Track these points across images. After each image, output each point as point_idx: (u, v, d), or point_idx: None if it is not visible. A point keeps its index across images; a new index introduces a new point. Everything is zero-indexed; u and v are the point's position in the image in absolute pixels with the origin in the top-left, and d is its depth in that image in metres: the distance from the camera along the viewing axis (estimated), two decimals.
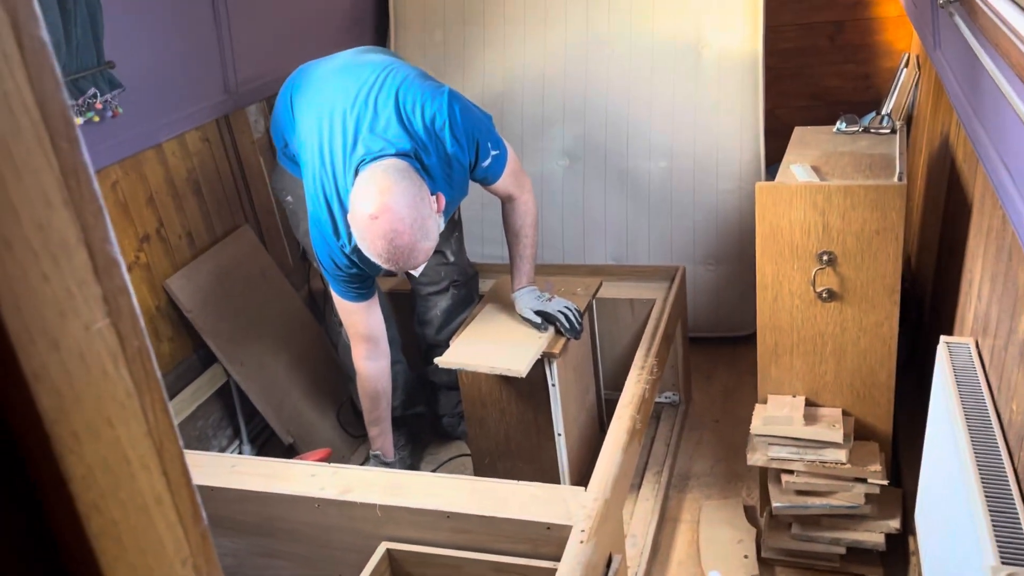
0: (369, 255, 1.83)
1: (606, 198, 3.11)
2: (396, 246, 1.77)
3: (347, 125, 1.93)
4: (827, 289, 1.91)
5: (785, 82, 3.39)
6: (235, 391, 2.56)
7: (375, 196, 1.77)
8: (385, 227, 1.75)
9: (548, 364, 2.15)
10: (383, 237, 1.76)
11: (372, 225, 1.76)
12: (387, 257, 1.79)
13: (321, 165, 1.96)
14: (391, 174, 1.80)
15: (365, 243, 1.80)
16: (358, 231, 1.81)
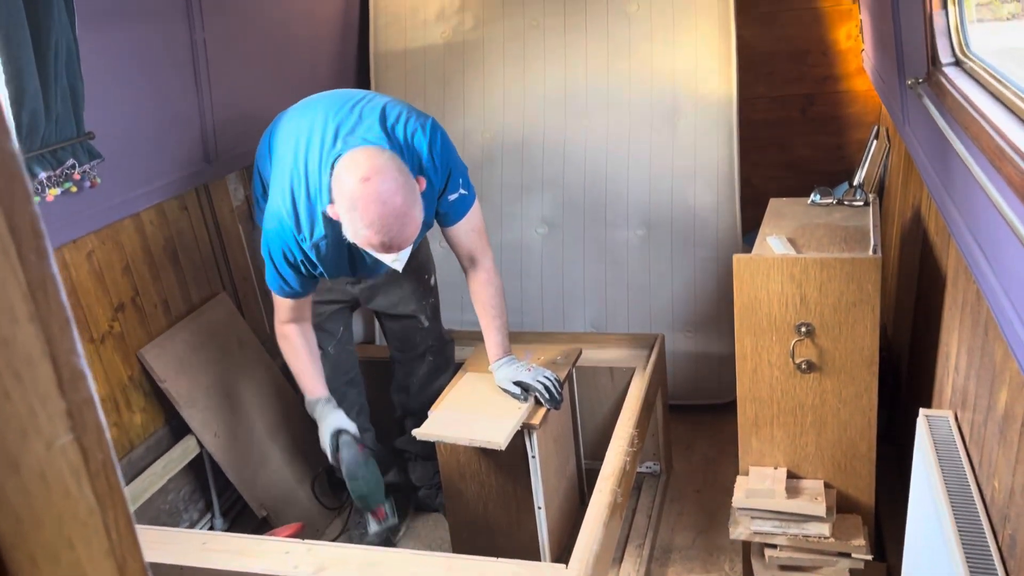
0: (360, 229, 1.73)
1: (585, 265, 3.13)
2: (389, 209, 1.70)
3: (327, 127, 1.94)
4: (806, 360, 1.91)
5: (759, 152, 3.46)
6: (208, 463, 2.50)
7: (364, 162, 1.75)
8: (378, 187, 1.70)
9: (528, 435, 2.12)
10: (376, 200, 1.70)
11: (364, 188, 1.70)
12: (380, 224, 1.71)
13: (294, 162, 1.94)
14: (377, 149, 1.81)
15: (356, 213, 1.72)
16: (348, 202, 1.73)
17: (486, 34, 3.21)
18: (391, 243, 1.76)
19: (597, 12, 3.11)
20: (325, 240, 1.93)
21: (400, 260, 1.83)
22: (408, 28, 3.27)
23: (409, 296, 2.41)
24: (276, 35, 2.87)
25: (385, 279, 2.34)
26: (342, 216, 1.77)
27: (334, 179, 1.79)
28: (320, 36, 3.13)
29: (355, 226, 1.74)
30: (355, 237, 1.77)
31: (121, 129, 2.25)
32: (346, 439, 2.07)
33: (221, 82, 2.59)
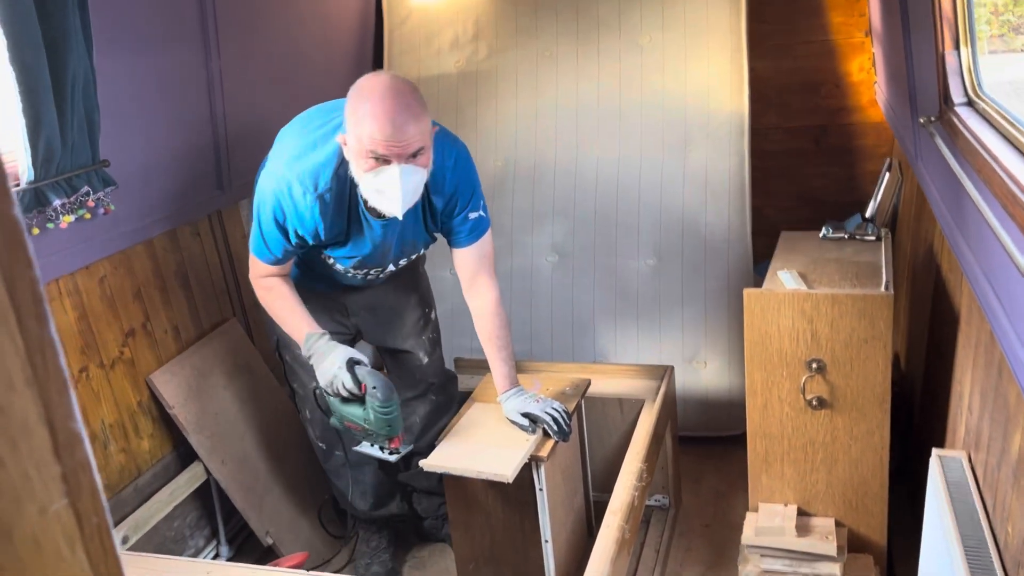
0: (365, 120, 1.73)
1: (595, 295, 3.12)
2: (398, 95, 1.73)
3: (335, 115, 1.96)
4: (817, 397, 1.89)
5: (771, 182, 3.46)
6: (215, 489, 2.49)
7: (372, 72, 1.82)
8: (388, 77, 1.78)
9: (536, 468, 2.10)
10: (387, 87, 1.74)
11: (374, 78, 1.78)
12: (386, 108, 1.71)
13: (300, 124, 2.00)
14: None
15: (363, 103, 1.74)
16: (355, 97, 1.76)
17: (499, 63, 3.23)
18: (396, 133, 1.73)
19: (609, 42, 3.13)
20: (329, 192, 1.89)
21: (394, 182, 1.78)
22: (423, 57, 3.30)
23: (408, 330, 2.36)
24: (291, 63, 2.90)
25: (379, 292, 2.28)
26: (348, 120, 1.78)
27: (345, 105, 1.81)
28: (335, 65, 3.16)
29: (363, 120, 1.74)
30: (361, 136, 1.75)
31: (136, 156, 2.27)
32: (366, 368, 1.99)
33: (235, 109, 2.61)
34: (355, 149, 1.79)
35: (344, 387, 1.96)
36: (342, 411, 2.03)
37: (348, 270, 2.11)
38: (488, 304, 2.15)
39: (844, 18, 3.24)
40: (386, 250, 2.08)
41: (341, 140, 1.83)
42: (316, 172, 1.88)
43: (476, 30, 3.25)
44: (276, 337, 2.29)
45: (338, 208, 1.92)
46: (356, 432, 2.05)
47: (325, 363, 1.98)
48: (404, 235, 2.06)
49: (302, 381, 2.29)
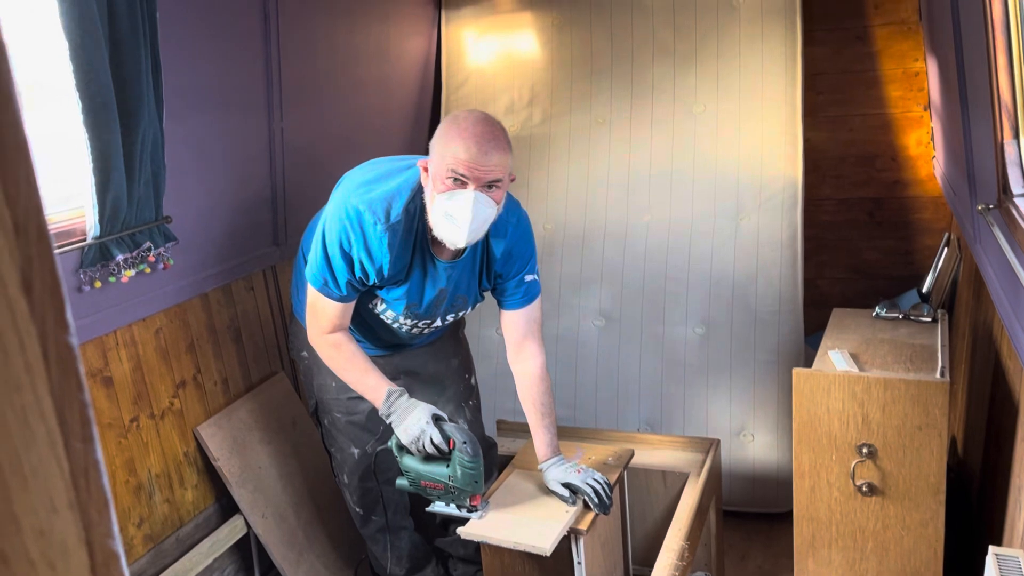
0: (451, 143, 1.78)
1: (641, 361, 3.09)
2: (485, 125, 1.79)
3: (400, 162, 2.02)
4: (867, 483, 1.84)
5: (825, 254, 3.41)
6: (254, 544, 2.50)
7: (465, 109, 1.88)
8: (478, 112, 1.83)
9: (575, 541, 2.07)
10: (476, 118, 1.80)
11: (467, 112, 1.82)
12: (472, 134, 1.76)
13: (368, 167, 2.03)
14: None
15: (451, 127, 1.79)
16: (443, 125, 1.82)
17: (553, 128, 3.28)
18: (481, 157, 1.77)
19: (663, 109, 3.16)
20: (400, 224, 1.89)
21: (467, 205, 1.80)
22: None
23: (449, 396, 2.34)
24: (351, 125, 2.98)
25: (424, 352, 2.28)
26: (435, 144, 1.82)
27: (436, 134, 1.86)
28: (392, 128, 3.24)
29: (447, 141, 1.79)
30: (444, 157, 1.79)
31: (196, 213, 2.34)
32: (451, 423, 1.98)
33: (295, 169, 2.69)
34: (436, 169, 1.82)
35: (432, 443, 1.94)
36: (421, 470, 2.01)
37: (398, 319, 2.09)
38: (534, 369, 2.14)
39: (903, 92, 3.22)
40: (440, 299, 2.08)
41: (422, 165, 1.87)
42: (387, 203, 1.89)
43: (531, 95, 3.31)
44: (315, 401, 2.31)
45: (405, 242, 1.92)
46: (432, 491, 2.03)
47: (408, 420, 1.96)
48: (459, 285, 2.06)
49: (340, 446, 2.29)
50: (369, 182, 1.94)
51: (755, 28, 3.04)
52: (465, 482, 1.98)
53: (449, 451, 1.97)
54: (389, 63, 3.16)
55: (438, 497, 2.06)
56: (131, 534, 2.20)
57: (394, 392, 1.99)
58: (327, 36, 2.75)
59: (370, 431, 2.28)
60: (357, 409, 2.22)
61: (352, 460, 2.29)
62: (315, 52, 2.70)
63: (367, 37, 3.00)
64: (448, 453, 1.97)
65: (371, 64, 3.05)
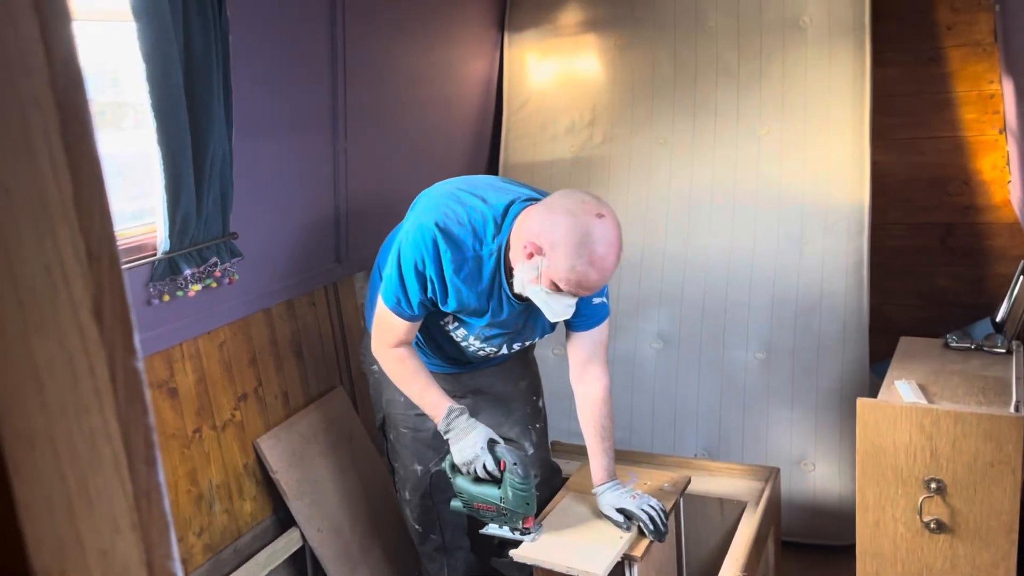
0: (578, 264, 1.72)
1: (699, 385, 3.05)
2: (616, 252, 1.75)
3: (481, 181, 1.99)
4: (935, 519, 1.77)
5: (892, 280, 3.32)
6: (309, 557, 2.53)
7: (592, 200, 1.76)
8: (612, 226, 1.74)
9: (629, 567, 2.04)
10: (610, 241, 1.73)
11: (601, 224, 1.72)
12: (603, 265, 1.73)
13: (454, 191, 1.94)
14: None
15: (584, 248, 1.71)
16: (576, 236, 1.71)
17: (614, 149, 3.27)
18: (597, 286, 1.78)
19: (726, 130, 3.12)
20: (476, 261, 1.87)
21: (570, 310, 1.84)
22: (538, 142, 3.38)
23: (515, 418, 2.31)
24: (412, 145, 3.02)
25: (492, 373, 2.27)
26: (556, 249, 1.73)
27: (545, 213, 1.77)
28: (454, 148, 3.28)
29: (573, 261, 1.73)
30: (560, 270, 1.74)
31: (262, 229, 2.40)
32: (503, 445, 1.98)
33: (358, 187, 2.73)
34: (549, 271, 1.77)
35: (484, 468, 1.95)
36: (473, 492, 2.01)
37: (467, 339, 2.08)
38: (597, 392, 2.11)
39: (977, 114, 3.13)
40: (511, 331, 2.07)
41: (528, 249, 1.78)
42: (467, 233, 1.86)
43: (592, 116, 3.31)
44: (382, 415, 2.32)
45: (479, 275, 1.90)
46: (486, 513, 2.03)
47: (464, 442, 1.97)
48: (530, 318, 2.05)
49: (404, 462, 2.30)
50: (449, 205, 1.90)
51: (823, 49, 2.99)
52: (517, 504, 1.98)
53: (500, 473, 1.97)
54: (452, 85, 3.20)
55: (491, 519, 2.06)
56: (191, 543, 2.25)
57: (455, 410, 1.99)
58: (392, 59, 2.80)
59: (435, 449, 2.26)
60: (423, 426, 2.21)
61: (415, 477, 2.29)
62: (380, 74, 2.75)
63: (431, 59, 3.05)
64: (500, 475, 1.97)
65: (434, 86, 3.09)
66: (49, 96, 0.33)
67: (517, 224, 1.85)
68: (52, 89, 0.33)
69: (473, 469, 1.97)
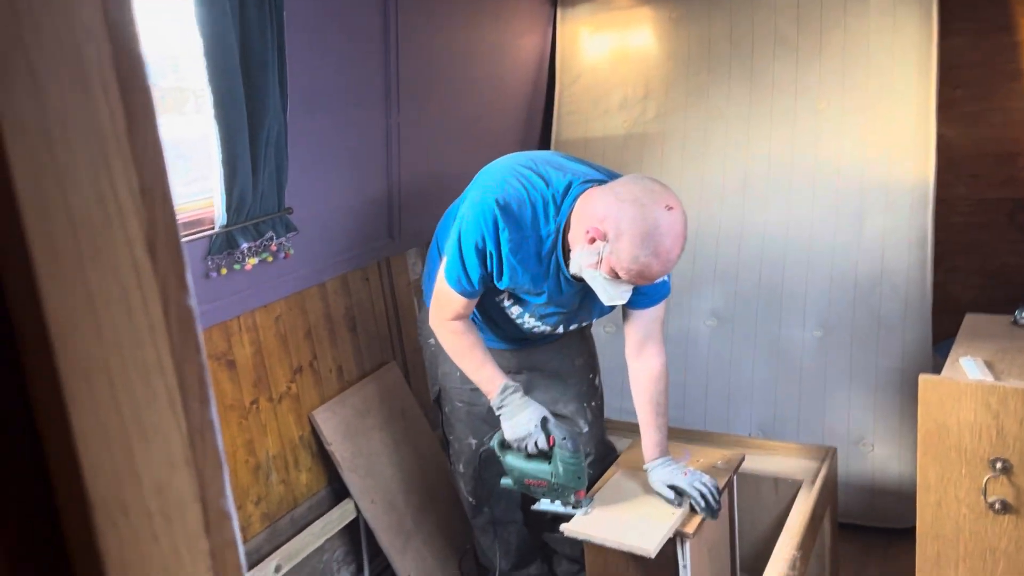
0: (641, 255, 1.70)
1: (754, 364, 3.00)
2: (681, 245, 1.73)
3: (542, 158, 1.95)
4: (1001, 500, 1.71)
5: (958, 257, 3.21)
6: (363, 528, 2.57)
7: (661, 190, 1.73)
8: (680, 219, 1.72)
9: (680, 544, 2.02)
10: (677, 234, 1.71)
11: (670, 217, 1.70)
12: (668, 258, 1.72)
13: (513, 167, 1.91)
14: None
15: (651, 239, 1.69)
16: (643, 227, 1.69)
17: (667, 124, 3.22)
18: (658, 278, 1.78)
19: (784, 104, 3.05)
20: (536, 241, 1.86)
21: (626, 295, 1.83)
22: (591, 117, 3.34)
23: (571, 395, 2.29)
24: (464, 122, 3.02)
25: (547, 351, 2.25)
26: (622, 238, 1.71)
27: (612, 198, 1.74)
28: (506, 124, 3.26)
29: (637, 252, 1.70)
30: (623, 259, 1.72)
31: (316, 205, 2.42)
32: (555, 422, 1.98)
33: (410, 163, 2.74)
34: (612, 260, 1.75)
35: (536, 446, 1.95)
36: (524, 468, 2.02)
37: (523, 316, 2.08)
38: (653, 369, 2.09)
39: None
40: (567, 311, 2.06)
41: (591, 234, 1.76)
42: (528, 212, 1.84)
43: (646, 91, 3.26)
44: (438, 388, 2.33)
45: (537, 255, 1.89)
46: (536, 489, 2.04)
47: (518, 418, 1.97)
48: (586, 298, 2.03)
49: (458, 435, 2.32)
50: (510, 182, 1.88)
51: (886, 18, 2.89)
52: (568, 478, 1.97)
53: (550, 448, 1.97)
54: (504, 60, 3.18)
55: (542, 494, 2.06)
56: (249, 511, 2.30)
57: (509, 387, 1.99)
58: (444, 34, 2.79)
59: (489, 423, 2.26)
60: (478, 401, 2.21)
61: (469, 450, 2.31)
62: (432, 50, 2.74)
63: (483, 35, 3.03)
64: (549, 451, 1.97)
65: (486, 61, 3.08)
66: (102, 27, 0.33)
67: (579, 206, 1.82)
68: (105, 20, 0.33)
69: (524, 446, 1.97)
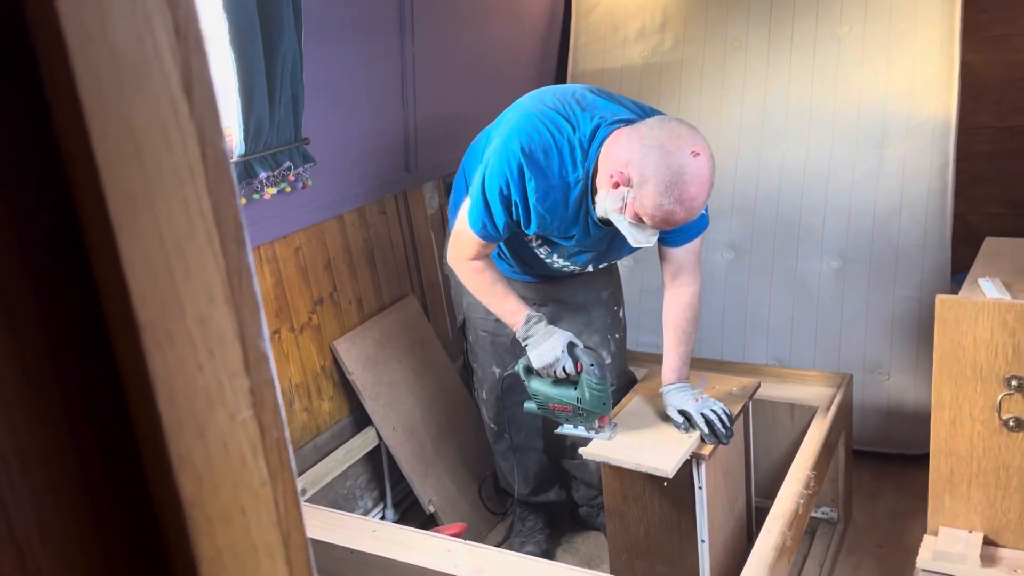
0: (665, 202, 1.68)
1: (771, 295, 3.00)
2: (707, 190, 1.71)
3: (570, 94, 1.91)
4: (1015, 417, 1.73)
5: (979, 187, 3.18)
6: (385, 455, 2.63)
7: (688, 134, 1.69)
8: (707, 164, 1.69)
9: (696, 466, 2.06)
10: (703, 180, 1.68)
11: (696, 163, 1.67)
12: (693, 204, 1.69)
13: (541, 109, 1.87)
14: (686, 124, 1.76)
15: (676, 186, 1.66)
16: (669, 173, 1.66)
17: (685, 53, 3.17)
18: (683, 223, 1.76)
19: (804, 32, 2.99)
20: (563, 187, 1.84)
21: (654, 238, 1.82)
22: (607, 48, 3.30)
23: (595, 327, 2.30)
24: (480, 53, 2.99)
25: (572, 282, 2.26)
26: (646, 184, 1.69)
27: (637, 143, 1.71)
28: (521, 56, 3.23)
29: (661, 199, 1.68)
30: (647, 206, 1.71)
31: (332, 136, 2.43)
32: (582, 348, 2.00)
33: (426, 95, 2.73)
34: (636, 206, 1.73)
35: (564, 371, 1.97)
36: (550, 393, 2.05)
37: (551, 256, 2.08)
38: (686, 296, 2.09)
39: None
40: (597, 252, 2.07)
41: (615, 179, 1.74)
42: (554, 158, 1.82)
43: (664, 19, 3.21)
44: (463, 317, 2.36)
45: (565, 200, 1.87)
46: (560, 414, 2.07)
47: (544, 346, 1.98)
48: (615, 240, 2.03)
49: (482, 364, 2.35)
50: (536, 126, 1.84)
51: None
52: (593, 404, 2.00)
53: (577, 374, 1.99)
54: None
55: (566, 419, 2.09)
56: None
57: (533, 317, 2.00)
58: None
59: (512, 353, 2.28)
60: (502, 332, 2.23)
61: (492, 378, 2.34)
62: None
63: None
64: (576, 376, 2.00)
65: None
66: None
67: (605, 148, 1.80)
68: None
69: (552, 372, 2.00)
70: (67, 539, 0.38)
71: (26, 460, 0.37)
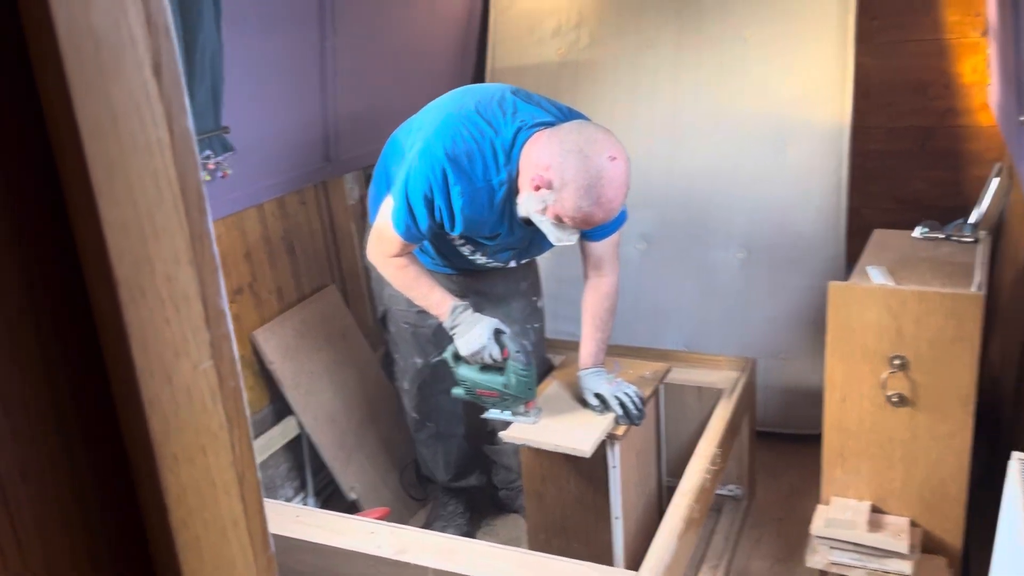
0: (583, 204, 1.76)
1: (681, 284, 3.14)
2: (623, 193, 1.78)
3: (491, 96, 1.94)
4: (898, 394, 1.88)
5: (871, 183, 3.39)
6: (305, 444, 2.64)
7: (605, 139, 1.77)
8: (623, 169, 1.77)
9: (610, 446, 2.16)
10: (619, 184, 1.76)
11: (612, 167, 1.74)
12: (610, 207, 1.77)
13: (461, 112, 1.90)
14: (603, 128, 1.82)
15: (593, 190, 1.74)
16: (587, 177, 1.73)
17: (600, 52, 3.28)
18: (601, 223, 1.83)
19: (712, 33, 3.13)
20: (486, 190, 1.89)
21: (574, 237, 1.89)
22: (526, 45, 3.37)
23: (514, 317, 2.37)
24: (400, 47, 3.02)
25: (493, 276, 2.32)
26: (566, 188, 1.75)
27: (557, 147, 1.77)
28: (441, 50, 3.27)
29: (580, 202, 1.75)
30: (567, 208, 1.78)
31: (252, 126, 2.42)
32: (509, 335, 2.06)
33: (345, 87, 2.75)
34: (557, 208, 1.80)
35: (491, 356, 2.03)
36: (477, 379, 2.10)
37: (476, 256, 2.13)
38: (605, 286, 2.18)
39: (959, 16, 3.15)
40: (518, 248, 2.13)
41: (536, 182, 1.80)
42: (476, 161, 1.86)
43: (579, 18, 3.30)
44: (384, 309, 2.39)
45: (488, 202, 1.92)
46: (487, 399, 2.13)
47: (471, 334, 2.02)
48: (536, 237, 2.08)
49: (404, 355, 2.39)
50: (459, 130, 1.88)
51: None
52: (519, 389, 2.07)
53: (503, 360, 2.06)
54: None
55: (493, 404, 2.16)
56: None
57: (459, 306, 2.05)
58: None
59: (435, 344, 2.33)
60: (424, 323, 2.28)
61: (414, 369, 2.38)
62: None
63: None
64: (503, 363, 2.06)
65: None
66: None
67: (526, 151, 1.86)
68: None
69: (480, 358, 2.05)
70: (44, 476, 0.43)
71: (8, 404, 0.41)
